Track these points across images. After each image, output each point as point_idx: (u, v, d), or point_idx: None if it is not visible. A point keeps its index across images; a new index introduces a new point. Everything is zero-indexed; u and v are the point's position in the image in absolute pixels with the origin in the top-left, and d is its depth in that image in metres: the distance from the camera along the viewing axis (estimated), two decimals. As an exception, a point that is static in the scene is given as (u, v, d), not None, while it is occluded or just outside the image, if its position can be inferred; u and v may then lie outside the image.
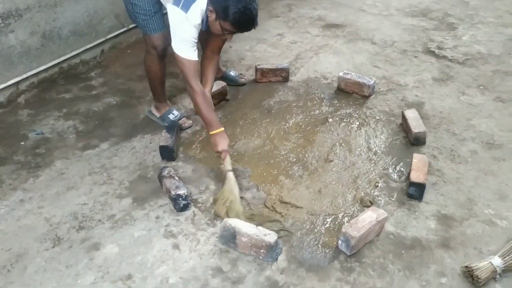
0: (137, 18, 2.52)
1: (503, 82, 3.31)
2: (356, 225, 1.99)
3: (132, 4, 2.47)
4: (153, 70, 2.69)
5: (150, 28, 2.52)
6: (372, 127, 2.84)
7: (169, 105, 2.90)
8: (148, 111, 2.94)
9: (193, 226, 2.15)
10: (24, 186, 2.39)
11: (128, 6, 2.53)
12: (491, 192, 2.35)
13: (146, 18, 2.49)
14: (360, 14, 4.47)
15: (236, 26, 2.22)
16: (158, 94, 2.83)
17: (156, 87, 2.79)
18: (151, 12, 2.48)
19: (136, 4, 2.46)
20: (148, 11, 2.48)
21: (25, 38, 3.01)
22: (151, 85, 2.80)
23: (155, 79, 2.75)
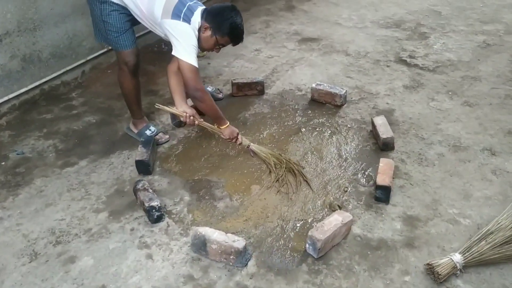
0: (109, 35, 2.62)
1: (471, 87, 3.42)
2: (322, 228, 2.07)
3: (104, 22, 2.58)
4: (126, 86, 2.79)
5: (121, 45, 2.63)
6: (343, 135, 2.93)
7: (146, 121, 2.98)
8: (126, 128, 3.02)
9: (167, 237, 2.22)
10: (3, 205, 2.45)
11: (100, 24, 2.62)
12: (456, 192, 2.43)
13: (118, 35, 2.60)
14: (335, 27, 4.61)
15: (233, 39, 2.58)
16: (134, 110, 2.91)
17: (132, 103, 2.88)
18: (123, 29, 2.60)
19: (108, 22, 2.57)
20: (119, 29, 2.59)
21: (5, 62, 3.10)
22: (126, 101, 2.89)
23: (129, 95, 2.83)
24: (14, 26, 3.09)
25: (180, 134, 2.98)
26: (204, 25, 2.50)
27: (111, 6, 2.54)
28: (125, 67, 2.69)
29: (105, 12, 2.54)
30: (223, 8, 2.54)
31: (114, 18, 2.56)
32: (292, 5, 5.19)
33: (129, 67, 2.69)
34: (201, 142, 2.91)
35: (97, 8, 2.55)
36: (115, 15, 2.55)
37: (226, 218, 2.32)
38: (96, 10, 2.56)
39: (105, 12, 2.54)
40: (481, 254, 1.98)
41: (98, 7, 2.55)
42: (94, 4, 2.56)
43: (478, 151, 2.74)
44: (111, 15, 2.55)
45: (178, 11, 2.45)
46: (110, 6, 2.53)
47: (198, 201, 2.43)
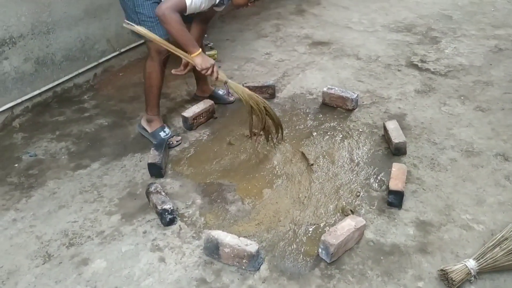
0: (143, 26, 2.58)
1: (483, 92, 3.40)
2: (335, 233, 2.06)
3: (137, 13, 2.58)
4: (154, 77, 2.77)
5: (156, 34, 2.59)
6: (355, 139, 2.92)
7: (161, 122, 2.96)
8: (138, 125, 2.99)
9: (179, 240, 2.22)
10: (17, 206, 2.47)
11: (133, 16, 2.61)
12: (469, 197, 2.42)
13: (153, 25, 2.59)
14: (346, 31, 4.60)
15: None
16: (153, 104, 2.88)
17: (153, 96, 2.84)
18: (156, 19, 2.55)
19: (142, 12, 2.57)
20: (153, 18, 2.57)
21: (19, 64, 3.13)
22: (148, 94, 2.85)
23: (153, 87, 2.81)
24: (28, 29, 3.12)
25: (191, 138, 2.98)
26: None
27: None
28: (157, 56, 2.68)
29: (138, 3, 2.56)
30: None
31: (147, 8, 2.57)
32: (302, 9, 5.19)
33: (161, 57, 2.69)
34: (213, 145, 2.91)
35: (129, 1, 2.56)
36: (147, 5, 2.56)
37: (238, 222, 2.32)
38: (129, 3, 2.57)
39: (138, 2, 2.56)
40: (496, 260, 1.97)
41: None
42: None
43: (491, 156, 2.73)
44: (144, 5, 2.56)
45: None
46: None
47: (210, 205, 2.44)
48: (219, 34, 4.53)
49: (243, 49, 4.21)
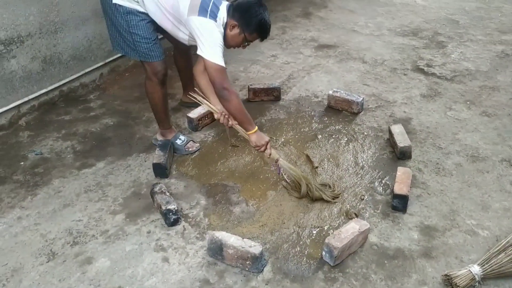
0: (138, 47, 2.54)
1: (489, 97, 3.39)
2: (339, 236, 2.06)
3: (132, 34, 2.50)
4: (156, 97, 2.73)
5: (153, 55, 2.57)
6: (360, 143, 2.92)
7: (175, 131, 2.94)
8: (153, 139, 2.97)
9: (183, 240, 2.23)
10: (22, 204, 2.48)
11: (127, 37, 2.54)
12: (474, 203, 2.41)
13: (148, 46, 2.54)
14: (352, 34, 4.60)
15: (262, 35, 2.52)
16: (163, 120, 2.85)
17: (161, 113, 2.82)
18: (152, 39, 2.55)
19: (136, 33, 2.50)
20: (149, 39, 2.53)
21: (26, 63, 3.15)
22: (156, 112, 2.82)
23: (158, 105, 2.77)
24: (36, 29, 3.14)
25: (196, 139, 2.99)
26: (232, 23, 2.46)
27: (138, 16, 2.48)
28: (155, 77, 2.64)
29: (132, 23, 2.49)
30: (251, 4, 2.47)
31: (142, 29, 2.51)
32: (309, 11, 5.20)
33: (159, 78, 2.64)
34: (218, 146, 2.92)
35: (122, 20, 2.48)
36: (143, 25, 2.50)
37: (242, 223, 2.32)
38: (122, 23, 2.49)
39: (133, 23, 2.49)
40: (501, 266, 1.96)
41: (123, 19, 2.48)
42: (119, 16, 2.48)
43: (496, 162, 2.72)
44: (139, 26, 2.50)
45: (205, 5, 2.40)
46: (136, 16, 2.48)
47: (214, 206, 2.44)
48: (225, 36, 4.54)
49: (249, 51, 4.18)
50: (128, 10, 2.47)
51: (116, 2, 2.46)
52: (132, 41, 2.54)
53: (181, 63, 3.13)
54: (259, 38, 2.54)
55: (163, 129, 2.90)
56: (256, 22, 2.45)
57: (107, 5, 2.51)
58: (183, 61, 3.12)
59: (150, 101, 2.79)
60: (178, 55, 3.09)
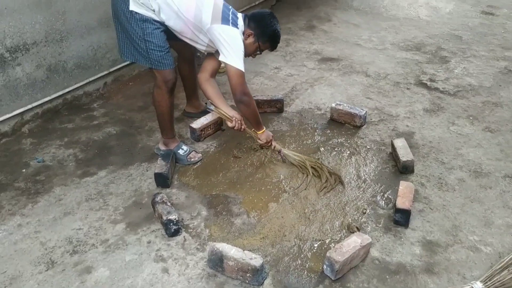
0: (151, 55, 2.56)
1: (492, 113, 3.39)
2: (341, 250, 2.05)
3: (146, 41, 2.53)
4: (164, 105, 2.73)
5: (165, 64, 2.60)
6: (363, 156, 2.91)
7: (177, 141, 2.93)
8: (156, 148, 2.96)
9: (183, 251, 2.21)
10: (22, 212, 2.48)
11: (140, 44, 2.56)
12: (477, 219, 2.39)
13: (161, 54, 2.57)
14: (355, 48, 4.62)
15: (273, 45, 2.76)
16: (167, 129, 2.86)
17: (166, 122, 2.82)
18: (165, 48, 2.59)
19: (151, 41, 2.53)
20: (162, 48, 2.57)
21: (31, 71, 3.16)
22: (161, 121, 2.83)
23: (164, 114, 2.78)
24: (42, 37, 3.16)
25: (199, 149, 2.99)
26: (248, 32, 2.65)
27: (153, 25, 2.52)
28: (164, 85, 2.66)
29: (147, 31, 2.52)
30: (265, 15, 2.71)
31: (157, 37, 2.54)
32: (312, 24, 5.23)
33: (168, 86, 2.66)
34: (220, 157, 2.91)
35: (138, 28, 2.51)
36: (157, 33, 2.54)
37: (243, 235, 2.31)
38: (137, 30, 2.52)
39: (148, 31, 2.52)
40: (503, 284, 1.94)
41: (139, 26, 2.51)
42: (135, 24, 2.51)
43: (499, 178, 2.71)
44: (154, 34, 2.53)
45: (226, 15, 2.58)
46: (152, 24, 2.52)
47: (215, 217, 2.43)
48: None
49: (253, 63, 4.22)
50: (144, 18, 2.52)
51: (133, 9, 2.50)
52: (145, 48, 2.57)
53: (185, 72, 3.15)
54: (271, 47, 2.76)
55: (166, 138, 2.90)
56: (270, 32, 2.68)
57: (121, 11, 2.54)
58: (187, 69, 3.14)
59: (157, 109, 2.80)
60: (183, 63, 3.11)
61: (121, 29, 2.62)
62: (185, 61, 3.09)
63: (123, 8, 2.51)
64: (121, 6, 2.52)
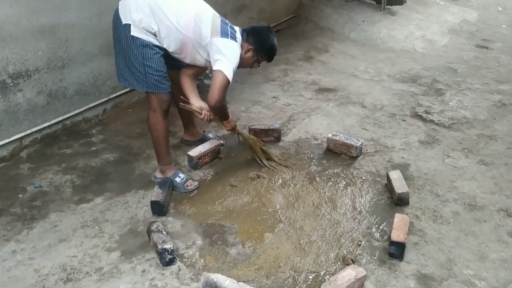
0: (149, 79, 2.64)
1: (487, 146, 3.43)
2: (335, 282, 2.05)
3: (146, 65, 2.62)
4: (159, 128, 2.78)
5: (162, 88, 2.69)
6: (358, 187, 2.93)
7: (174, 168, 2.95)
8: (153, 176, 2.97)
9: (178, 281, 2.20)
10: (17, 238, 2.47)
11: (138, 68, 2.63)
12: (471, 252, 2.40)
13: (159, 78, 2.66)
14: (352, 79, 4.70)
15: (270, 59, 2.96)
16: (164, 155, 2.88)
17: (161, 147, 2.85)
18: (163, 72, 2.68)
19: (150, 65, 2.62)
20: (161, 72, 2.66)
21: (32, 97, 3.20)
22: (157, 146, 2.85)
23: (160, 137, 2.81)
24: (44, 63, 3.21)
25: (196, 177, 3.00)
26: (247, 47, 2.81)
27: (153, 50, 2.62)
28: (159, 108, 2.73)
29: (147, 56, 2.61)
30: (263, 30, 2.90)
31: (156, 62, 2.64)
32: (310, 55, 5.32)
33: (163, 108, 2.74)
34: (216, 186, 2.93)
35: (138, 52, 2.60)
36: (156, 58, 2.64)
37: (238, 266, 2.30)
38: (137, 54, 2.60)
39: (147, 55, 2.61)
40: (498, 319, 1.94)
41: (139, 51, 2.60)
42: (135, 48, 2.60)
43: (494, 211, 2.72)
44: (153, 59, 2.63)
45: (225, 30, 2.70)
46: (152, 49, 2.62)
47: (210, 246, 2.43)
48: (228, 76, 4.63)
49: (251, 92, 4.29)
50: (145, 43, 2.61)
51: (134, 35, 2.59)
52: (144, 73, 2.65)
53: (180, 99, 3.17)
54: (268, 60, 2.96)
55: (163, 165, 2.92)
56: (268, 47, 2.86)
57: (123, 37, 2.62)
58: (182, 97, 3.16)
59: (152, 133, 2.83)
60: (177, 92, 3.13)
61: (121, 54, 2.69)
62: (180, 91, 3.11)
63: (125, 34, 2.60)
64: (123, 31, 2.61)
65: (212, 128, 3.63)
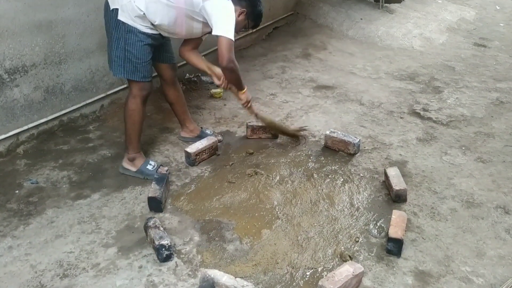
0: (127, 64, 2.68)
1: (484, 143, 3.43)
2: (333, 278, 2.04)
3: (126, 50, 2.65)
4: (136, 114, 2.82)
5: (141, 76, 2.73)
6: (356, 184, 2.93)
7: (143, 156, 2.98)
8: (121, 167, 2.97)
9: (175, 277, 2.20)
10: (14, 233, 2.46)
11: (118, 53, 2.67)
12: (469, 249, 2.40)
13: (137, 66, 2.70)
14: (350, 76, 4.70)
15: (257, 25, 2.96)
16: (135, 142, 2.90)
17: (135, 134, 2.88)
18: (144, 60, 2.71)
19: (131, 51, 2.65)
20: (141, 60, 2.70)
21: (29, 92, 3.19)
22: (132, 132, 2.87)
23: (136, 123, 2.85)
24: (41, 59, 3.20)
25: (193, 173, 3.00)
26: (239, 9, 2.76)
27: (136, 37, 2.64)
28: (139, 96, 2.79)
29: (129, 41, 2.64)
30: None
31: (137, 49, 2.66)
32: (308, 53, 5.32)
33: (143, 95, 2.80)
34: (214, 182, 2.92)
35: (122, 37, 2.63)
36: (139, 46, 2.66)
37: (235, 262, 2.30)
38: (121, 39, 2.64)
39: (130, 41, 2.64)
40: (495, 316, 1.94)
41: (123, 36, 2.63)
42: (119, 33, 2.63)
43: (491, 208, 2.73)
44: (136, 45, 2.65)
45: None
46: (136, 36, 2.64)
47: (208, 242, 2.42)
48: (226, 73, 4.62)
49: (249, 89, 4.19)
50: (130, 28, 2.63)
51: (120, 19, 2.61)
52: (123, 57, 2.68)
53: (172, 96, 3.18)
54: (254, 27, 2.97)
55: (133, 153, 2.92)
56: (258, 12, 2.85)
57: (111, 21, 2.66)
58: (173, 94, 3.17)
59: (129, 119, 2.85)
60: (167, 88, 3.15)
61: (108, 39, 2.73)
62: (169, 85, 3.12)
63: (112, 17, 2.63)
64: (111, 15, 2.64)
65: (210, 125, 3.62)
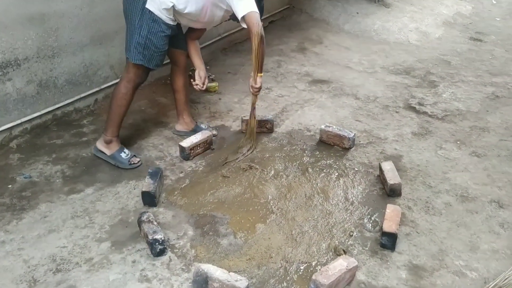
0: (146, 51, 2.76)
1: (479, 138, 3.43)
2: (327, 272, 2.04)
3: (148, 39, 2.73)
4: (126, 98, 2.89)
5: (153, 63, 2.83)
6: (351, 178, 2.92)
7: (119, 143, 3.02)
8: (94, 148, 3.03)
9: (168, 271, 2.19)
10: (6, 228, 2.45)
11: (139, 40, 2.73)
12: (463, 243, 2.41)
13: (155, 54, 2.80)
14: (346, 71, 4.68)
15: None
16: (116, 126, 2.96)
17: (118, 118, 2.94)
18: (160, 50, 2.82)
19: (152, 40, 2.74)
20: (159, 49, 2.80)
21: (21, 86, 3.16)
22: (115, 115, 2.93)
23: (122, 107, 2.91)
24: (33, 52, 3.16)
25: (187, 168, 2.98)
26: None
27: (160, 27, 2.73)
28: (134, 82, 2.86)
29: (152, 30, 2.72)
30: None
31: (158, 39, 2.75)
32: (304, 47, 5.29)
33: (136, 83, 2.88)
34: (208, 176, 2.91)
35: (145, 25, 2.70)
36: (160, 36, 2.75)
37: (229, 256, 2.29)
38: (144, 26, 2.70)
39: (153, 30, 2.72)
40: (488, 309, 1.94)
41: (148, 24, 2.70)
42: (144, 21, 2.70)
43: (485, 202, 2.73)
44: (158, 35, 2.74)
45: None
46: (159, 26, 2.73)
47: (201, 237, 2.42)
48: (221, 67, 4.60)
49: (244, 83, 4.25)
50: (155, 18, 2.71)
51: (148, 7, 2.69)
52: (143, 44, 2.74)
53: (179, 83, 3.23)
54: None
55: (111, 136, 2.97)
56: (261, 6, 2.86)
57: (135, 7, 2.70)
58: (181, 81, 3.22)
59: (116, 101, 2.91)
60: (177, 74, 3.21)
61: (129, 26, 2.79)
62: (180, 72, 3.19)
63: (138, 4, 2.69)
64: (136, 2, 2.70)
65: (205, 119, 3.60)
